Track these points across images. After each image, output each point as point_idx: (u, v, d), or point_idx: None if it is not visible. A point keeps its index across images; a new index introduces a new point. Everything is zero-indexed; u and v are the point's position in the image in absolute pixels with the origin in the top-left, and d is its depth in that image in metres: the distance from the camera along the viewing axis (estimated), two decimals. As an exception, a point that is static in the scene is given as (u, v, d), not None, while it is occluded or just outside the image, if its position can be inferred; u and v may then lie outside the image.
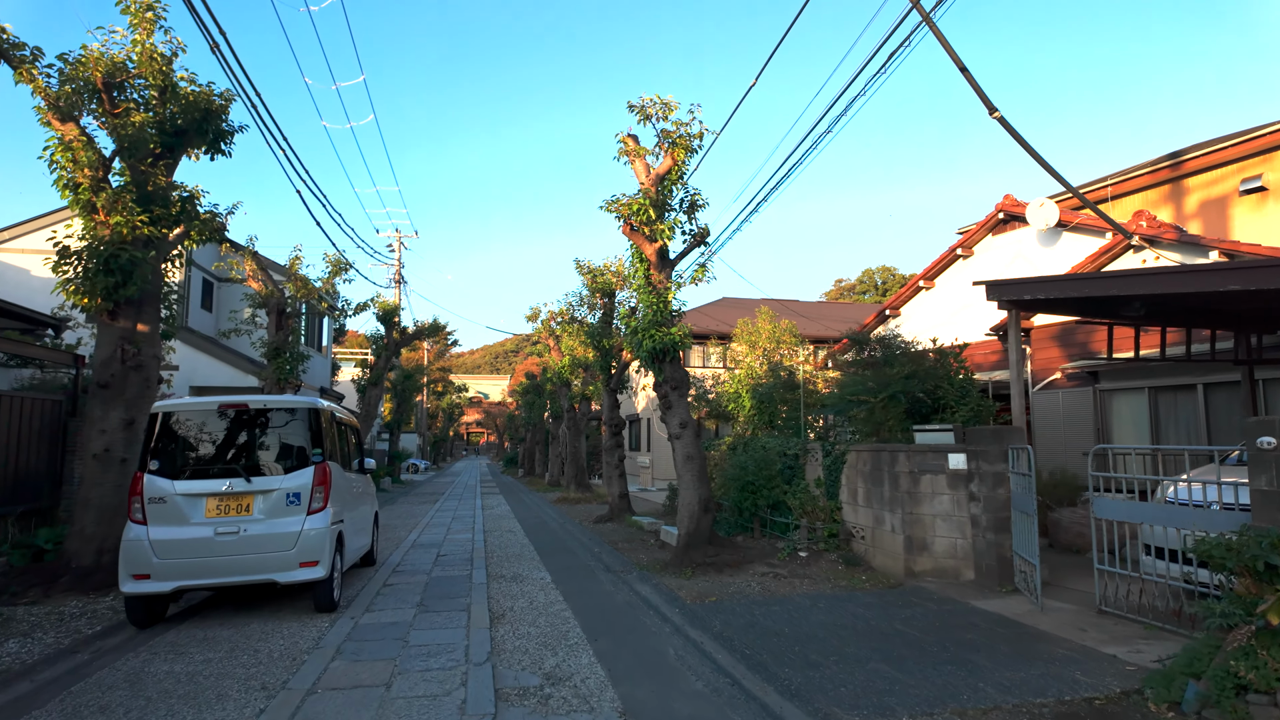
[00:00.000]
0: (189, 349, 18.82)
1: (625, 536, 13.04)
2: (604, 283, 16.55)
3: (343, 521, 7.55)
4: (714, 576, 9.01)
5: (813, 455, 10.97)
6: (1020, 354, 8.23)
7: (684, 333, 10.17)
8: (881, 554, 9.02)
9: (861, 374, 9.86)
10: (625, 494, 16.32)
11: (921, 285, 17.07)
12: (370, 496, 9.79)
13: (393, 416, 37.23)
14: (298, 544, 6.77)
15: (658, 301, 10.10)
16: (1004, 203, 15.19)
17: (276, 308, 15.09)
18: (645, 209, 9.71)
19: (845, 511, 9.95)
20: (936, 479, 8.43)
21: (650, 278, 10.35)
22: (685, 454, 10.03)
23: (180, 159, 9.44)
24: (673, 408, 10.19)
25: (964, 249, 16.13)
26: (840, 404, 9.84)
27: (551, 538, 13.27)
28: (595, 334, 16.67)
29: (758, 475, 11.12)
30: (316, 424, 7.24)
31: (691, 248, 10.74)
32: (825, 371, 13.45)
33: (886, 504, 8.89)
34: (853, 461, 9.75)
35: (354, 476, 8.77)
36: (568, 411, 24.69)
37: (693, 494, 9.90)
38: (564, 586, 8.49)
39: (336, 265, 15.39)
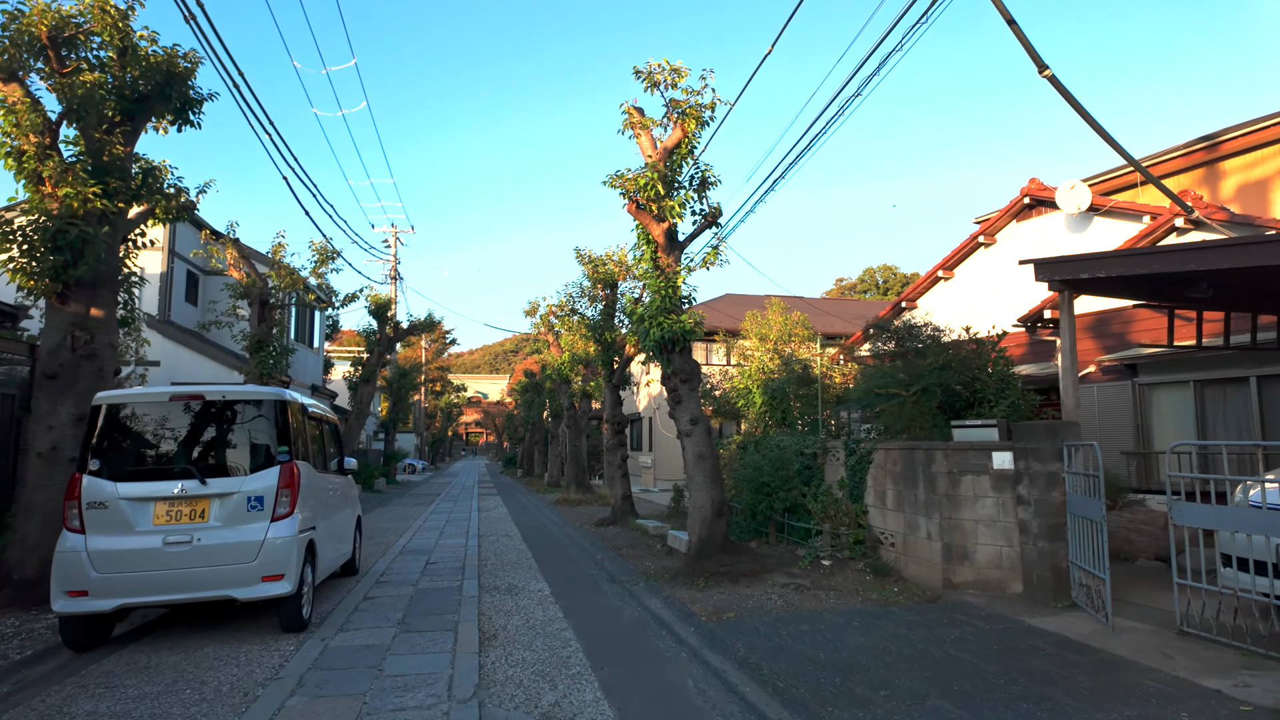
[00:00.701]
0: (171, 344, 17.96)
1: (629, 541, 12.18)
2: (606, 273, 15.70)
3: (314, 529, 6.69)
4: (729, 588, 8.16)
5: (833, 455, 10.11)
6: (1073, 341, 7.38)
7: (695, 320, 9.32)
8: (915, 563, 8.17)
9: (890, 365, 9.01)
10: (629, 496, 15.46)
11: (940, 276, 16.22)
12: (351, 500, 8.94)
13: (388, 415, 36.37)
14: (260, 555, 5.91)
15: (666, 286, 9.25)
16: (1030, 186, 14.34)
17: (259, 298, 14.23)
18: (653, 184, 8.85)
19: (872, 516, 9.10)
20: (979, 480, 7.58)
21: (658, 260, 9.50)
22: (696, 453, 9.17)
23: (142, 128, 8.59)
24: (683, 402, 9.34)
25: (986, 236, 15.28)
26: (866, 398, 8.99)
27: (551, 543, 12.41)
28: (597, 327, 15.82)
29: (773, 476, 10.26)
30: (283, 418, 6.38)
31: (702, 229, 9.89)
32: (843, 365, 12.62)
33: (921, 508, 8.03)
34: (880, 461, 8.90)
35: (332, 478, 7.92)
36: (568, 410, 23.84)
37: (705, 496, 9.04)
38: (564, 600, 7.63)
39: (323, 254, 14.54)
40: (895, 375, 8.60)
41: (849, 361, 12.53)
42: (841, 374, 12.83)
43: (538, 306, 23.30)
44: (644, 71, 9.06)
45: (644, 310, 9.44)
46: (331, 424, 8.49)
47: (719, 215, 9.80)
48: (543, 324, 23.41)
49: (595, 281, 15.87)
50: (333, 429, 8.56)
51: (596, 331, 15.75)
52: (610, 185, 9.20)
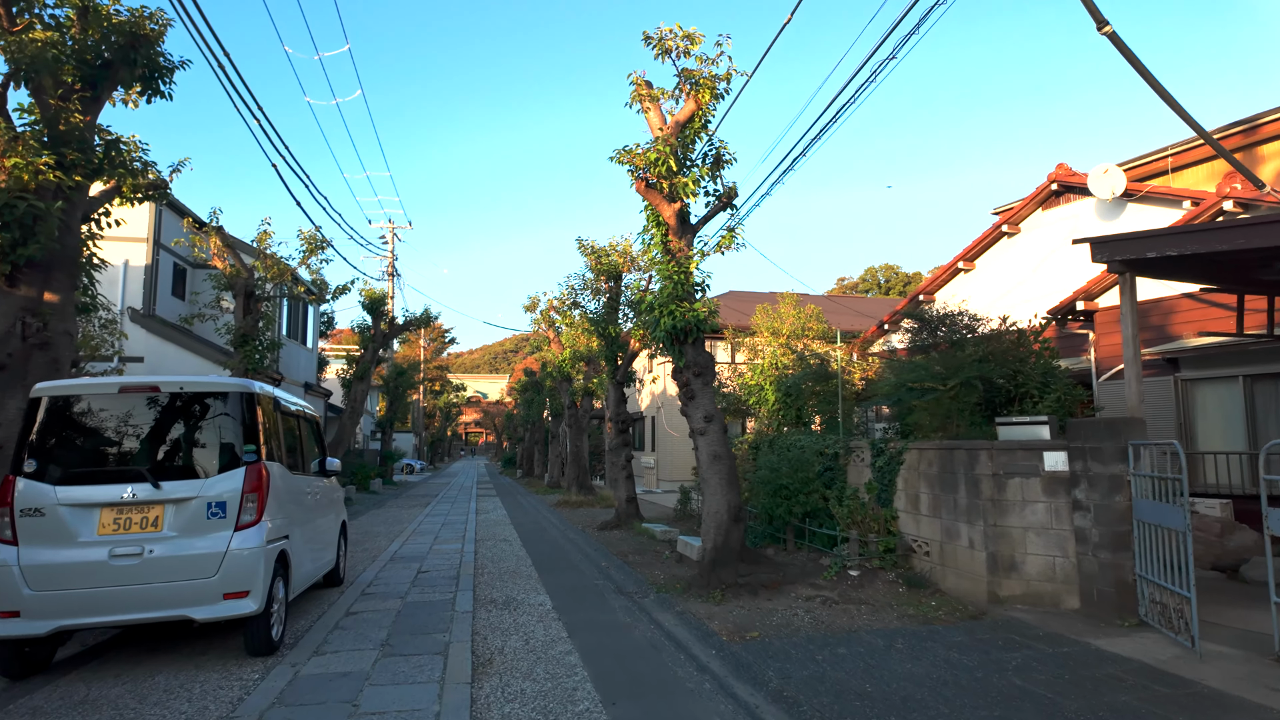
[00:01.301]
0: (155, 338, 17.18)
1: (636, 547, 11.43)
2: (609, 265, 14.96)
3: (287, 538, 5.94)
4: (749, 601, 7.41)
5: (857, 455, 9.37)
6: (1135, 329, 6.63)
7: (709, 309, 8.57)
8: (954, 574, 7.42)
9: (925, 357, 8.26)
10: (633, 498, 14.71)
11: (960, 267, 15.47)
12: (335, 504, 8.19)
13: (385, 415, 35.64)
14: (221, 569, 5.16)
15: (678, 272, 8.50)
16: (1058, 172, 13.60)
17: (244, 289, 13.48)
18: (665, 159, 8.10)
19: (903, 522, 8.35)
20: (1028, 483, 6.83)
21: (669, 244, 8.75)
22: (711, 453, 8.43)
23: (106, 98, 7.83)
24: (696, 398, 8.59)
25: (1009, 226, 14.53)
26: (897, 393, 8.25)
27: (552, 549, 11.66)
28: (600, 321, 15.07)
29: (792, 478, 9.52)
30: (251, 413, 5.63)
31: (716, 211, 9.14)
32: (864, 360, 11.88)
33: (962, 514, 7.29)
34: (913, 462, 8.16)
35: (311, 480, 7.16)
36: (568, 408, 23.10)
37: (720, 500, 8.29)
38: (568, 616, 6.88)
39: (312, 243, 13.78)
40: (930, 368, 7.86)
41: (867, 356, 11.78)
42: (861, 369, 12.08)
43: (537, 302, 22.57)
44: (654, 37, 8.32)
45: (654, 298, 8.69)
46: (312, 421, 7.74)
47: (734, 196, 9.06)
48: (543, 320, 22.67)
49: (598, 273, 15.12)
50: (313, 426, 7.81)
51: (599, 325, 15.00)
52: (617, 161, 8.46)
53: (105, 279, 17.94)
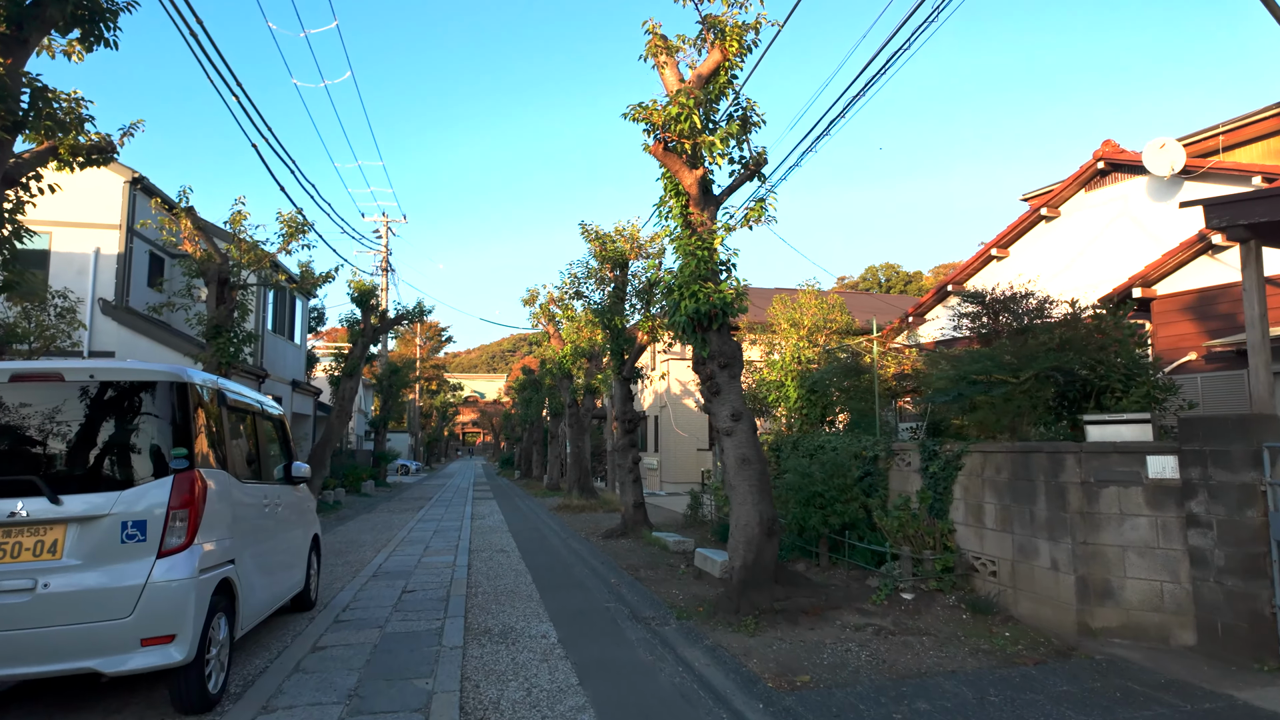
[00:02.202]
0: (127, 331, 16.04)
1: (647, 559, 10.31)
2: (615, 251, 13.83)
3: (232, 563, 4.81)
4: (788, 631, 6.30)
5: (901, 459, 8.26)
6: (1263, 308, 5.53)
7: (737, 290, 7.45)
8: (1030, 599, 6.31)
9: (991, 346, 7.15)
10: (641, 503, 13.60)
11: (993, 255, 14.37)
12: (304, 516, 7.05)
13: (379, 414, 34.44)
14: (138, 607, 4.03)
15: (701, 248, 7.38)
16: (1104, 150, 12.50)
17: (217, 276, 12.34)
18: (687, 114, 6.98)
19: (961, 536, 7.24)
20: (1127, 494, 5.72)
21: (689, 217, 7.63)
22: (740, 456, 7.30)
23: (36, 42, 6.68)
24: (721, 393, 7.47)
25: (1049, 209, 13.43)
26: (956, 387, 7.13)
27: (554, 561, 10.54)
28: (605, 312, 13.94)
29: (827, 485, 8.40)
30: (184, 409, 4.50)
31: (743, 180, 8.02)
32: (903, 353, 10.77)
33: (1041, 528, 6.17)
34: (974, 467, 7.04)
35: (273, 490, 6.03)
36: (569, 407, 21.98)
37: (750, 511, 7.17)
38: (577, 652, 5.75)
39: (292, 225, 12.64)
40: (999, 357, 6.73)
41: (905, 349, 10.67)
42: (896, 364, 10.97)
43: (536, 295, 21.44)
44: (675, -24, 7.20)
45: (672, 278, 7.57)
46: (274, 420, 6.60)
47: (764, 163, 7.94)
48: (542, 314, 21.54)
49: (603, 261, 13.99)
50: (277, 426, 6.67)
51: (604, 317, 13.87)
52: (632, 119, 7.33)
53: (74, 268, 16.88)
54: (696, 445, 26.51)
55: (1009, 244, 14.25)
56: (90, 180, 17.17)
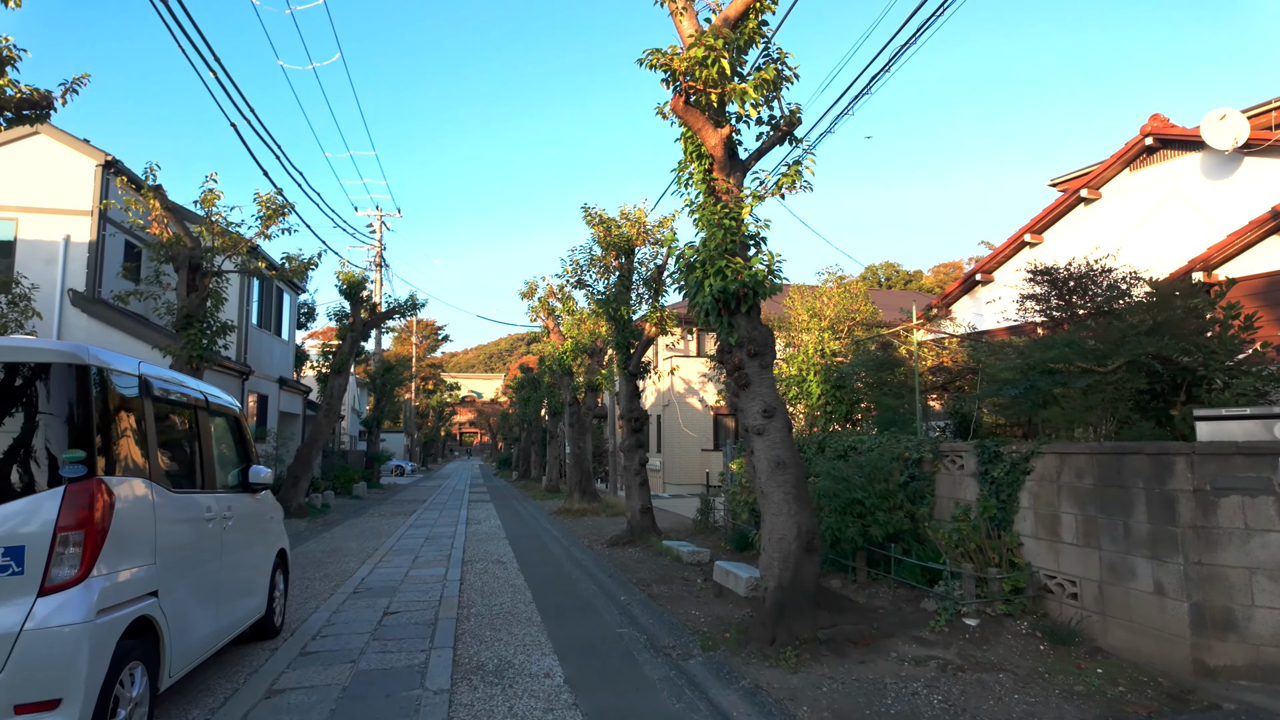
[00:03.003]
0: (98, 324, 15.02)
1: (658, 572, 9.31)
2: (620, 237, 12.82)
3: (155, 595, 3.80)
4: (836, 666, 5.31)
5: (952, 461, 7.27)
6: None
7: (770, 266, 6.45)
8: (1126, 628, 5.32)
9: (1072, 329, 6.15)
10: (649, 508, 12.59)
11: (1027, 241, 13.38)
12: (266, 529, 6.03)
13: (372, 413, 33.43)
14: (8, 664, 3.03)
15: (728, 217, 6.38)
16: (1152, 124, 11.52)
17: (188, 261, 11.32)
18: (715, 59, 5.97)
19: (1030, 550, 6.24)
20: (1254, 504, 4.73)
21: (713, 183, 6.64)
22: (773, 458, 6.30)
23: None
24: (751, 386, 6.47)
25: (1089, 190, 12.45)
26: (1028, 378, 6.13)
27: (556, 574, 9.53)
28: (610, 301, 12.93)
29: (868, 491, 7.41)
30: (83, 399, 3.49)
31: (773, 142, 7.00)
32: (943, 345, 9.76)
33: (1141, 544, 5.18)
34: (1047, 471, 6.05)
35: (222, 500, 5.02)
36: (569, 405, 20.96)
37: (787, 522, 6.17)
38: (589, 698, 4.75)
39: (271, 207, 11.62)
40: (1079, 344, 5.74)
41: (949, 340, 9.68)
42: (934, 355, 9.98)
43: (535, 288, 20.40)
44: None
45: (694, 253, 6.56)
46: (227, 416, 5.58)
47: (797, 122, 6.93)
48: (541, 308, 20.51)
49: (607, 247, 12.97)
50: (230, 424, 5.65)
51: (609, 306, 12.86)
52: (649, 65, 6.33)
53: (41, 257, 15.79)
54: (701, 446, 25.54)
55: (1044, 229, 13.27)
56: (59, 163, 16.23)
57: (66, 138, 15.82)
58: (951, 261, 62.47)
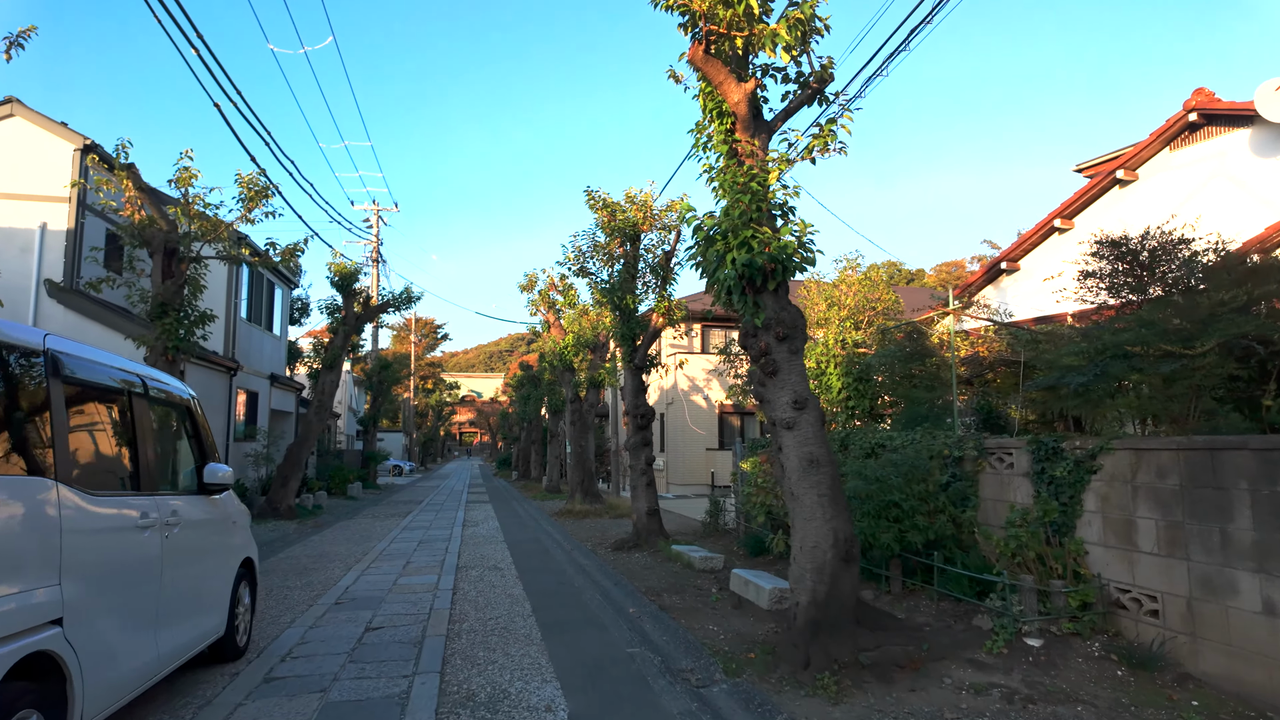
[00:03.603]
0: (75, 315, 14.29)
1: (669, 580, 8.57)
2: (625, 222, 12.07)
3: (59, 624, 3.05)
4: (882, 696, 4.57)
5: (999, 459, 6.52)
6: None
7: (803, 237, 5.69)
8: (1223, 653, 4.56)
9: (1147, 308, 5.39)
10: (656, 510, 11.85)
11: (1056, 226, 12.64)
12: (227, 536, 5.28)
13: (368, 412, 32.71)
14: None
15: (755, 180, 5.62)
16: (1196, 99, 10.77)
17: (163, 246, 10.57)
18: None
19: (1096, 560, 5.49)
20: (1392, 509, 3.97)
21: (735, 145, 5.89)
22: (805, 456, 5.54)
23: None
24: (779, 373, 5.71)
25: (1125, 171, 11.69)
26: (1097, 363, 5.37)
27: (558, 582, 8.78)
28: (614, 290, 12.18)
29: (905, 493, 6.65)
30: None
31: (800, 103, 6.25)
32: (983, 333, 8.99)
33: (1244, 555, 4.43)
34: (1118, 470, 5.30)
35: (161, 505, 4.25)
36: (570, 403, 20.21)
37: (822, 529, 5.41)
38: (597, 739, 4.00)
39: (251, 188, 10.85)
40: (1159, 324, 4.98)
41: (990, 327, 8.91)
42: (969, 344, 9.22)
43: (535, 280, 19.73)
44: None
45: (714, 224, 5.80)
46: (175, 405, 4.82)
47: (829, 79, 6.17)
48: (541, 301, 19.81)
49: (612, 233, 12.22)
50: (180, 415, 4.89)
51: (614, 295, 12.11)
52: (664, 7, 5.58)
53: (16, 245, 15.02)
54: (706, 445, 24.80)
55: (1075, 214, 12.52)
56: (36, 147, 15.47)
57: (43, 120, 15.09)
58: (954, 260, 61.66)
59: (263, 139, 12.31)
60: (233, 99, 11.17)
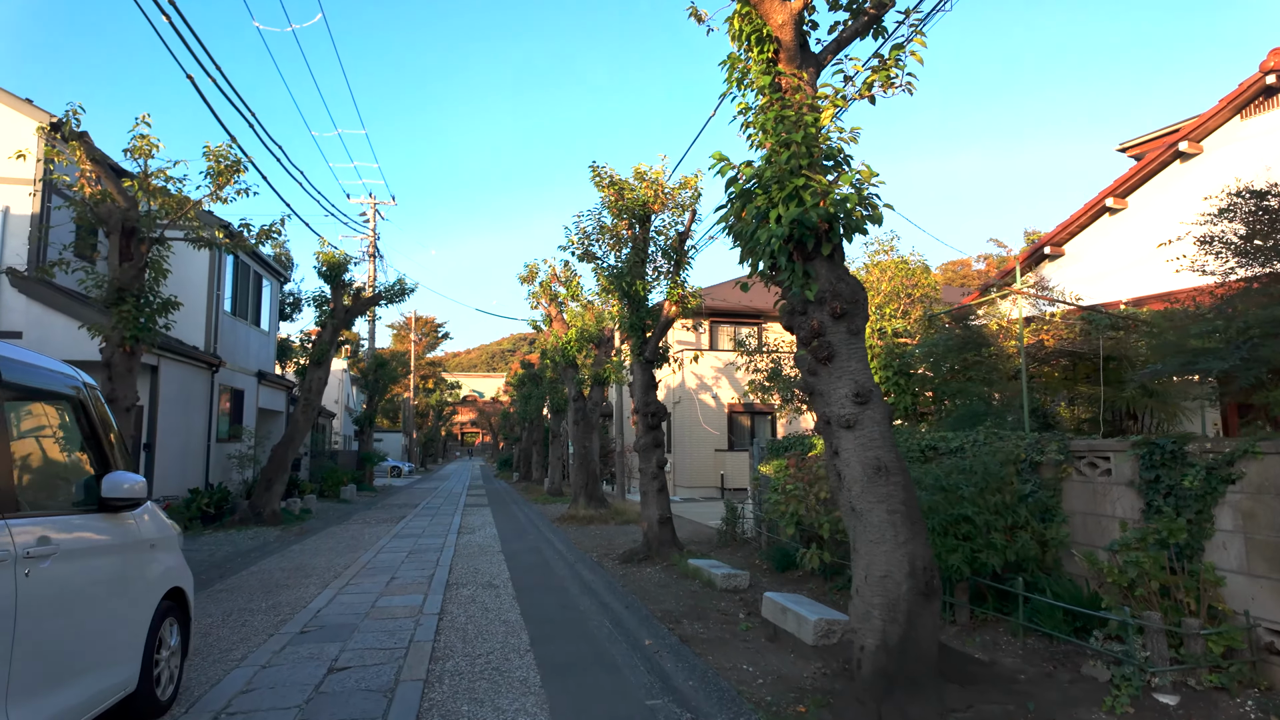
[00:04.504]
0: (39, 306, 13.21)
1: (688, 601, 7.46)
2: (635, 201, 10.96)
3: None
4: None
5: (1089, 465, 5.40)
6: None
7: (862, 187, 4.57)
8: None
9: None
10: (668, 518, 10.74)
11: (1108, 206, 11.50)
12: (141, 561, 4.17)
13: (364, 411, 31.63)
14: None
15: (801, 120, 4.51)
16: (1274, 59, 9.64)
17: (121, 225, 9.49)
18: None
19: (1234, 592, 4.38)
20: None
21: (780, 79, 4.78)
22: (871, 461, 4.43)
23: None
24: (836, 359, 4.60)
25: (1189, 143, 10.56)
26: (1241, 346, 4.25)
27: (560, 604, 7.68)
28: (623, 276, 11.08)
29: (979, 505, 5.54)
30: None
31: (852, 36, 5.15)
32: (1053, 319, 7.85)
33: None
34: (1270, 479, 4.18)
35: (23, 531, 3.15)
36: (573, 401, 19.10)
37: (895, 554, 4.30)
38: None
39: (221, 160, 9.74)
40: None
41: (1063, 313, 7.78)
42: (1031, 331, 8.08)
43: (536, 271, 18.62)
44: None
45: (753, 174, 4.68)
46: (52, 398, 3.71)
47: (888, 4, 5.06)
48: (543, 293, 18.72)
49: (619, 214, 11.12)
50: (67, 411, 3.78)
51: (622, 281, 11.01)
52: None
53: (-23, 231, 14.05)
54: (715, 446, 23.69)
55: (1128, 193, 11.39)
56: (-4, 125, 14.42)
57: (5, 96, 14.01)
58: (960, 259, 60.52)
59: (245, 118, 11.16)
60: (209, 71, 10.10)
